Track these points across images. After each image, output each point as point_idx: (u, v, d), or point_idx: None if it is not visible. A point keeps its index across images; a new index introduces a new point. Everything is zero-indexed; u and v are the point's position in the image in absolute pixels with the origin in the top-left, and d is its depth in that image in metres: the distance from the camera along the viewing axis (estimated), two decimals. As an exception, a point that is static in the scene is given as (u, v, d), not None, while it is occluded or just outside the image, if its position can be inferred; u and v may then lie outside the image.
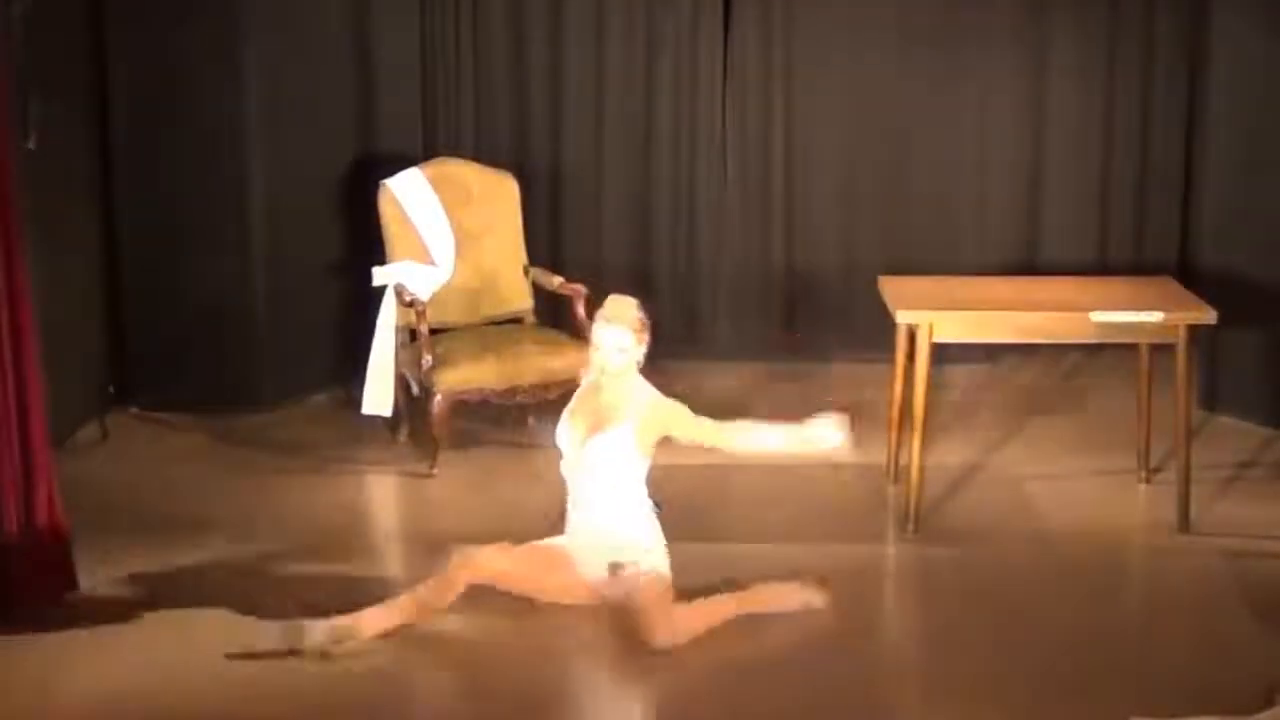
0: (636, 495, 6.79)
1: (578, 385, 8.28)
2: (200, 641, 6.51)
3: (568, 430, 6.88)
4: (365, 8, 9.43)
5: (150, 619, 6.69)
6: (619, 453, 6.72)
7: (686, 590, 6.68)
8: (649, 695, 6.38)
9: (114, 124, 8.87)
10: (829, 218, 10.08)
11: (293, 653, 6.35)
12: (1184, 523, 7.58)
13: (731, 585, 6.79)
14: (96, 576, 6.98)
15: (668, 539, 6.81)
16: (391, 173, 8.75)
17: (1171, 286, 7.94)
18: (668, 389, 6.98)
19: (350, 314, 9.15)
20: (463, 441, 8.55)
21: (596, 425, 6.79)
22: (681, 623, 6.54)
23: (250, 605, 6.76)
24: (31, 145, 7.64)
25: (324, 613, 6.51)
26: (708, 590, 6.72)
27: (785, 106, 9.99)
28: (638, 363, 6.81)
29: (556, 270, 9.04)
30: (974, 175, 10.03)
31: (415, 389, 8.46)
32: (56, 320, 7.68)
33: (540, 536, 6.92)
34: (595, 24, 9.88)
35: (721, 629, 6.58)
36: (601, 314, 6.81)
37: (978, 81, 9.94)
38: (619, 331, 6.74)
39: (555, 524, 6.94)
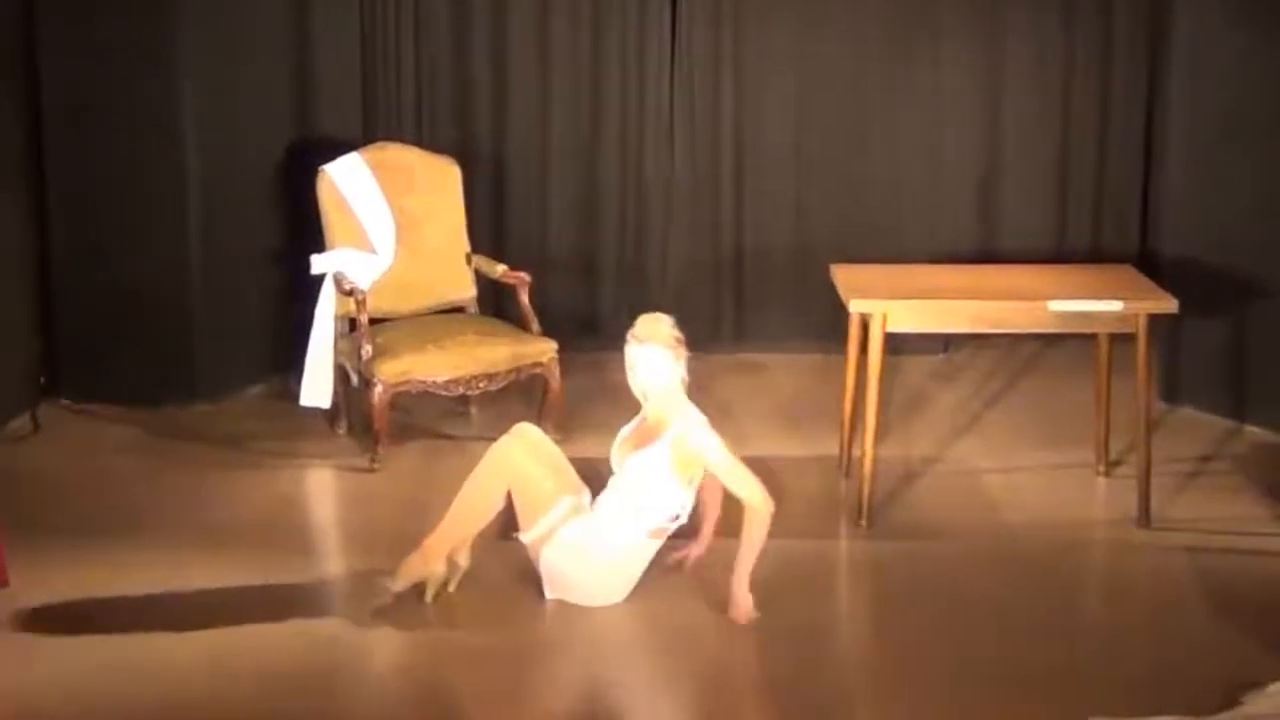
0: (652, 526, 6.71)
1: (520, 376, 8.27)
2: (133, 641, 6.42)
3: (615, 455, 6.87)
4: (303, -13, 9.37)
5: (82, 617, 6.59)
6: (652, 474, 6.67)
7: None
8: (598, 693, 6.30)
9: (46, 109, 8.73)
10: (780, 204, 10.00)
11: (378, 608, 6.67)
12: (1144, 517, 7.53)
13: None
14: (28, 572, 6.86)
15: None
16: (331, 158, 8.64)
17: (1132, 275, 7.89)
18: (613, 380, 6.89)
19: (288, 303, 9.05)
20: (404, 434, 8.46)
21: (638, 445, 6.77)
22: None
23: (186, 604, 6.69)
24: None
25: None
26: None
27: (735, 90, 9.91)
28: (682, 380, 6.77)
29: (500, 258, 8.95)
30: (929, 160, 9.95)
31: (355, 380, 8.38)
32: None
33: (483, 535, 6.87)
34: (539, 2, 9.77)
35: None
36: (632, 333, 6.78)
37: (933, 64, 9.87)
38: (653, 350, 6.71)
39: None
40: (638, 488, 6.68)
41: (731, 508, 6.77)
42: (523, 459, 6.70)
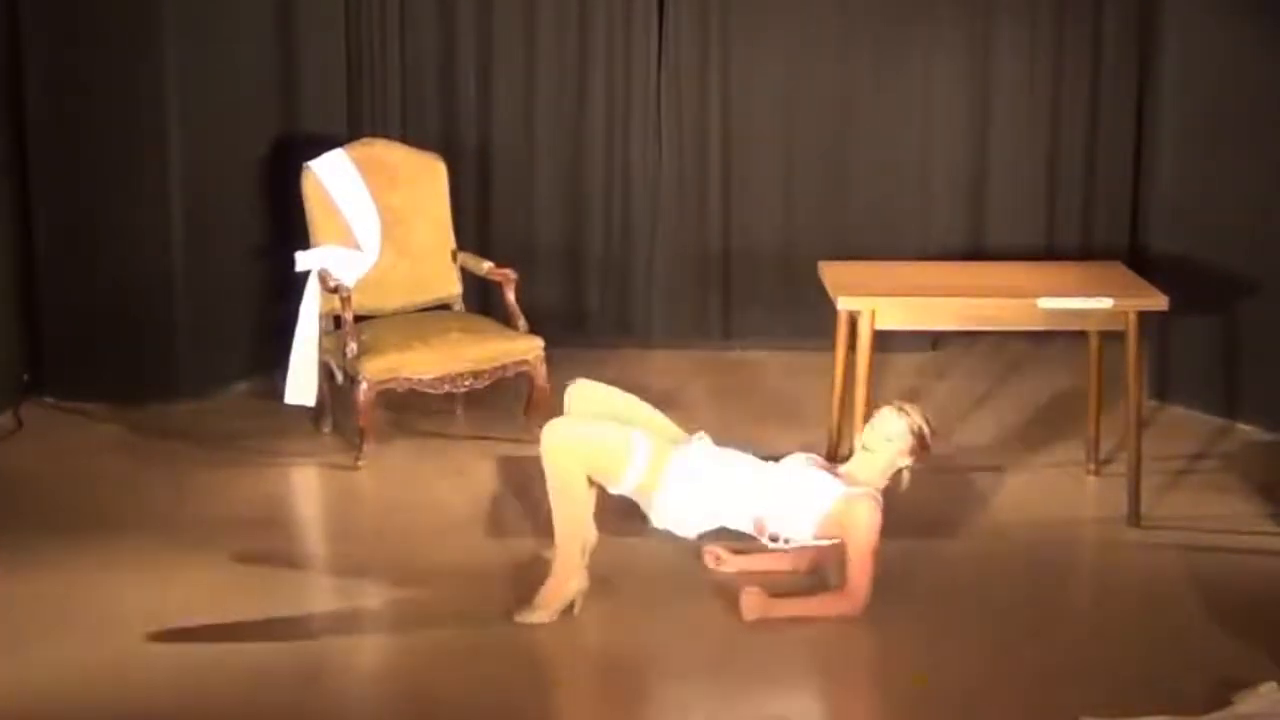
0: (760, 520, 6.63)
1: (506, 373, 8.24)
2: (115, 640, 6.36)
3: (798, 456, 6.88)
4: (288, -17, 9.32)
5: (64, 616, 6.54)
6: (805, 495, 6.61)
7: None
8: (598, 693, 6.30)
9: (30, 104, 8.67)
10: (767, 200, 9.96)
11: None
12: (1135, 516, 7.47)
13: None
14: (9, 570, 6.84)
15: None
16: (316, 154, 8.58)
17: (1121, 272, 7.86)
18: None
19: (273, 300, 9.00)
20: (389, 433, 8.41)
21: (823, 468, 6.79)
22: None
23: (169, 603, 6.64)
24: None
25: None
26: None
27: (722, 84, 9.86)
28: (896, 473, 6.79)
29: (486, 255, 8.91)
30: (918, 157, 9.91)
31: (340, 378, 8.32)
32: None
33: (469, 534, 6.89)
34: (526, -2, 9.80)
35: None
36: (901, 403, 6.88)
37: (922, 61, 9.83)
38: (899, 425, 6.78)
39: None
40: (785, 491, 6.63)
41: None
42: (575, 433, 6.57)
